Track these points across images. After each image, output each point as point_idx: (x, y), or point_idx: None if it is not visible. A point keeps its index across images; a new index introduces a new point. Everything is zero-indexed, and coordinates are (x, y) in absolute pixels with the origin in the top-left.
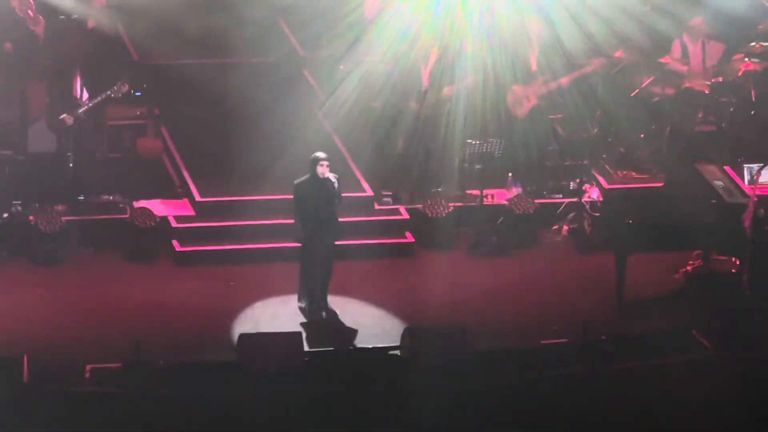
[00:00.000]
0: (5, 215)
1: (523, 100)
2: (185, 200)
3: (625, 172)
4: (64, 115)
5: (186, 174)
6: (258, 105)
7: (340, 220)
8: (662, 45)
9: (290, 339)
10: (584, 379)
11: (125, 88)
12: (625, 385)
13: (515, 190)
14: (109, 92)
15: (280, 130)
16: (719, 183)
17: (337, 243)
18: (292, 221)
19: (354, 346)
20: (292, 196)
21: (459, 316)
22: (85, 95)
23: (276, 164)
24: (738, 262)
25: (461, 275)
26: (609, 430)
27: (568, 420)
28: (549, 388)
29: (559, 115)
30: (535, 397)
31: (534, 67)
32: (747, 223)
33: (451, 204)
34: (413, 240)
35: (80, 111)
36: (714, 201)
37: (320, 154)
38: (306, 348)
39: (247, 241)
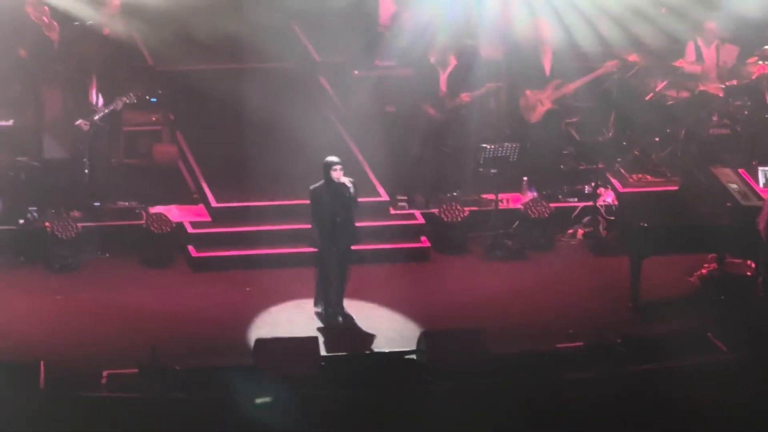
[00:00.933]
0: (21, 221)
1: (536, 104)
2: (201, 206)
3: (639, 176)
4: (80, 120)
5: (202, 180)
6: (273, 110)
7: (356, 224)
8: (676, 48)
9: (307, 344)
10: (599, 382)
11: (140, 94)
12: (640, 389)
13: (530, 194)
14: (125, 98)
15: (295, 136)
16: (734, 186)
17: (353, 248)
18: (308, 226)
19: (371, 350)
20: (308, 201)
21: (475, 320)
22: (101, 101)
23: (291, 169)
24: (753, 265)
25: (477, 279)
26: None
27: (583, 424)
28: (564, 392)
29: (574, 119)
30: (551, 401)
31: (548, 72)
32: (762, 226)
33: (466, 208)
34: (429, 244)
35: (96, 117)
36: (729, 204)
37: (333, 159)
38: (323, 353)
39: (263, 246)
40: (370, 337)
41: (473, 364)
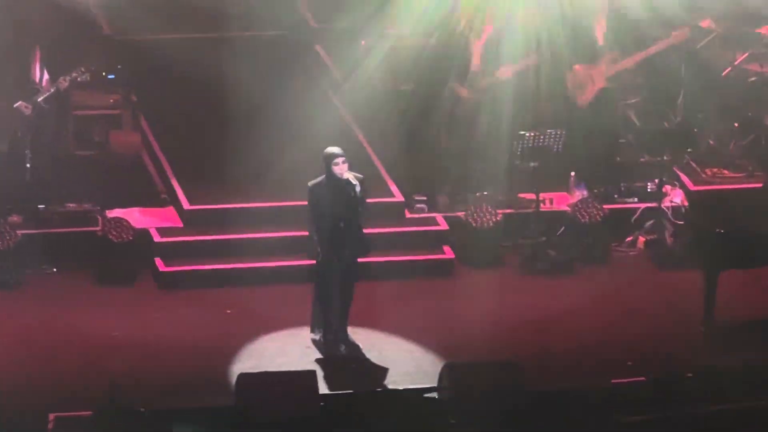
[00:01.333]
0: None
1: (587, 82)
2: (171, 208)
3: (715, 170)
4: (20, 103)
5: (171, 176)
6: (260, 90)
7: (363, 231)
8: (759, 12)
9: (302, 379)
10: (665, 425)
11: (94, 69)
12: None
13: (579, 194)
14: (74, 74)
15: (287, 121)
16: None
17: (359, 260)
18: (305, 233)
19: (381, 387)
20: (304, 202)
21: (510, 349)
22: (46, 78)
23: (283, 163)
24: None
25: (512, 298)
26: None
27: None
28: None
29: (633, 100)
30: None
31: (600, 42)
32: None
33: (499, 211)
34: (453, 255)
35: (39, 98)
36: None
37: (334, 150)
38: (322, 390)
39: (247, 258)
40: (380, 371)
41: (507, 404)
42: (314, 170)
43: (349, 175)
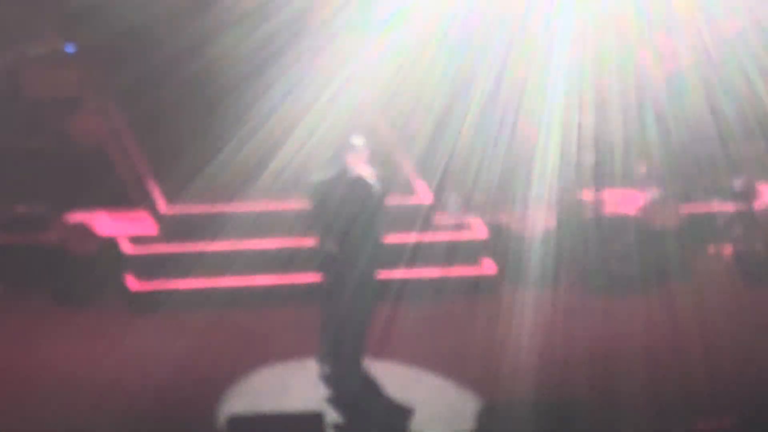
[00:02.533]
0: None
1: (664, 54)
2: (144, 212)
3: None
4: None
5: (145, 172)
6: (253, 63)
7: (382, 239)
8: None
9: (306, 423)
10: None
11: (49, 40)
12: None
13: (651, 193)
14: (24, 48)
15: (286, 103)
16: None
17: (378, 276)
18: (310, 242)
19: None
20: (309, 204)
21: (564, 387)
22: None
23: (284, 157)
24: None
25: (567, 323)
26: None
27: None
28: None
29: (718, 80)
30: None
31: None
32: None
33: (551, 215)
34: (494, 270)
35: None
36: None
37: (354, 139)
38: None
39: (239, 273)
40: (404, 414)
41: None
42: (321, 165)
43: (365, 170)
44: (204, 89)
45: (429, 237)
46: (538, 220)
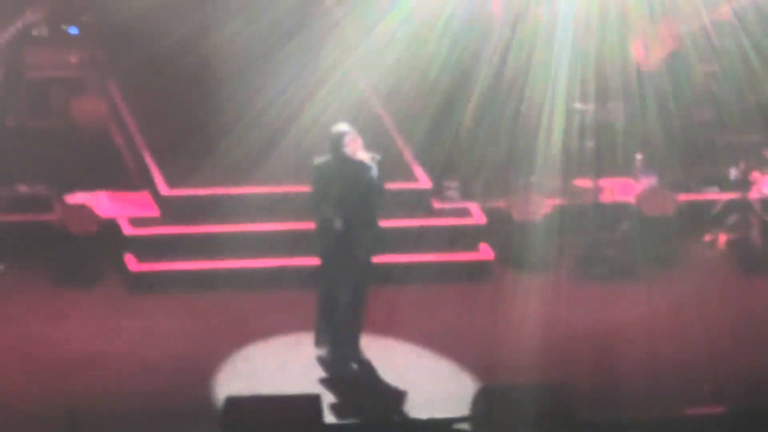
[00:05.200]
0: None
1: (658, 42)
2: (145, 193)
3: None
4: None
5: (146, 153)
6: (256, 47)
7: (380, 224)
8: None
9: (303, 405)
10: None
11: (51, 19)
12: None
13: (647, 181)
14: (22, 24)
15: (288, 87)
16: None
17: (375, 259)
18: (309, 226)
19: (401, 416)
20: (308, 187)
21: (560, 370)
22: None
23: (286, 140)
24: None
25: (563, 308)
26: None
27: None
28: None
29: (714, 67)
30: None
31: None
32: None
33: (549, 201)
34: (492, 255)
35: None
36: None
37: (340, 128)
38: (327, 419)
39: (239, 256)
40: (399, 396)
41: None
42: (321, 147)
43: (364, 156)
44: (208, 71)
45: (427, 221)
46: (535, 207)
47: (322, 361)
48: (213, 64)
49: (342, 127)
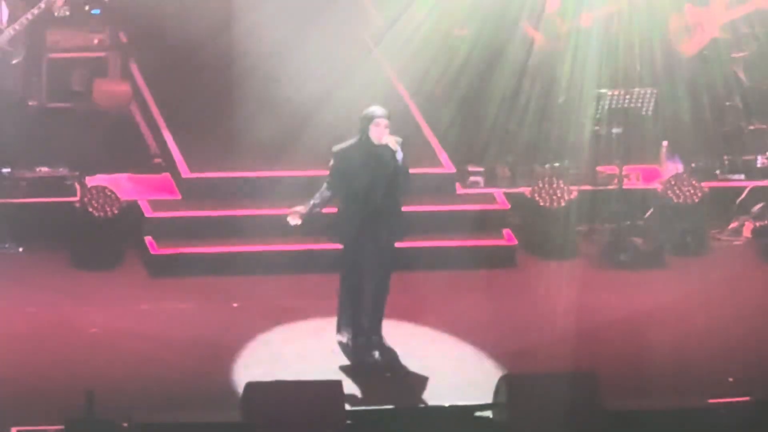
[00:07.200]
0: None
1: (695, 28)
2: (166, 176)
3: None
4: None
5: (168, 136)
6: (281, 33)
7: (403, 209)
8: None
9: (324, 391)
10: None
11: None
12: None
13: (673, 168)
14: (42, 5)
15: (313, 73)
16: None
17: (397, 244)
18: (332, 210)
19: (422, 402)
20: (329, 172)
21: (584, 358)
22: (5, 13)
23: (309, 125)
24: None
25: (588, 296)
26: None
27: None
28: None
29: (742, 53)
30: None
31: None
32: None
33: (573, 188)
34: (515, 241)
35: (2, 38)
36: None
37: (376, 110)
38: (348, 406)
39: (260, 240)
40: (421, 382)
41: (579, 425)
42: (343, 134)
43: (389, 139)
44: (228, 55)
45: (450, 207)
46: (559, 193)
47: (343, 346)
48: (237, 47)
49: (376, 110)
